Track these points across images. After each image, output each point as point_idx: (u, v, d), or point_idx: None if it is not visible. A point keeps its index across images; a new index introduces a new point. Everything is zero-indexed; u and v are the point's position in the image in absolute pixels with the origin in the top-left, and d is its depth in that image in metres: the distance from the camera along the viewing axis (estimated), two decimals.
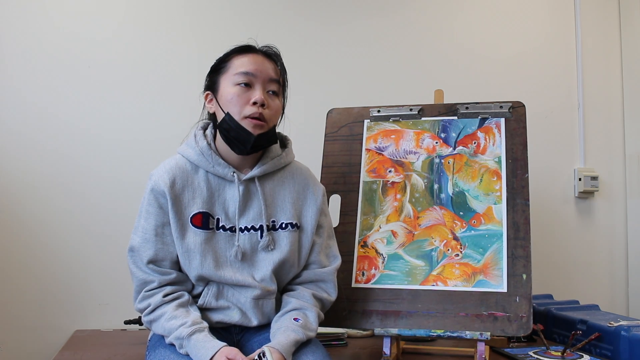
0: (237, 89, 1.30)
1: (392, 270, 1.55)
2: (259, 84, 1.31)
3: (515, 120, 1.63)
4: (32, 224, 1.93)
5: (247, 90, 1.30)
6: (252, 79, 1.31)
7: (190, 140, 1.36)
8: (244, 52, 1.34)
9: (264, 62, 1.33)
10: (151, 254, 1.27)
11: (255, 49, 1.35)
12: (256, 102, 1.29)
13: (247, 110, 1.29)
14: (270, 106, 1.32)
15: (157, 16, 2.07)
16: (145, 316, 1.27)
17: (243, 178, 1.33)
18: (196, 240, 1.28)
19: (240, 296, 1.31)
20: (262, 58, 1.34)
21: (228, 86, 1.31)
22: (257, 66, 1.31)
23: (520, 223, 1.52)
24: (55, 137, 1.95)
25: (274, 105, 1.33)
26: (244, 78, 1.30)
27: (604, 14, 2.51)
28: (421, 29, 2.31)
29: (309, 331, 1.27)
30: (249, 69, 1.31)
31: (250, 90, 1.30)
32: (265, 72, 1.32)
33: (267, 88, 1.32)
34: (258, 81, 1.31)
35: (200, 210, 1.30)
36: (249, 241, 1.32)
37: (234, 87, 1.30)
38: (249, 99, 1.29)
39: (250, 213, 1.33)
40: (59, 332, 1.90)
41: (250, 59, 1.32)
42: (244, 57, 1.33)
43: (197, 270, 1.28)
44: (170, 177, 1.30)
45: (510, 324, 1.42)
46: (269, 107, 1.31)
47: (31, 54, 1.95)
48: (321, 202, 1.42)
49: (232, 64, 1.33)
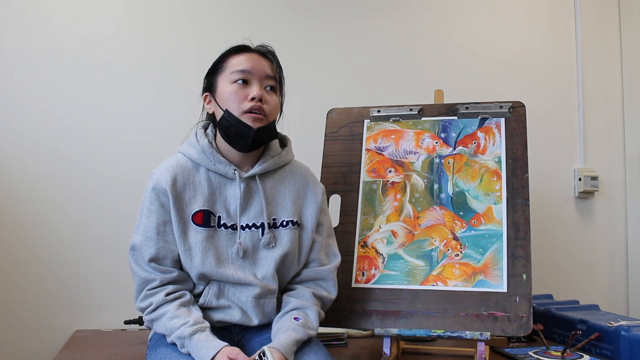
0: (234, 87, 1.31)
1: (392, 270, 1.55)
2: (256, 80, 1.32)
3: (515, 120, 1.63)
4: (32, 224, 1.93)
5: (245, 87, 1.32)
6: (248, 76, 1.32)
7: (192, 138, 1.37)
8: (240, 52, 1.35)
9: (260, 60, 1.35)
10: (152, 252, 1.27)
11: (250, 48, 1.37)
12: (254, 98, 1.30)
13: (246, 105, 1.30)
14: (268, 101, 1.33)
15: (157, 16, 2.07)
16: (146, 315, 1.27)
17: (244, 176, 1.34)
18: (197, 238, 1.29)
19: (241, 295, 1.31)
20: (258, 56, 1.35)
21: (226, 85, 1.32)
22: (253, 64, 1.33)
23: (520, 223, 1.52)
24: (55, 137, 1.96)
25: (272, 100, 1.35)
26: (240, 75, 1.32)
27: (604, 14, 2.51)
28: (421, 28, 2.31)
29: (310, 330, 1.27)
30: (245, 67, 1.32)
31: (247, 87, 1.32)
32: (261, 69, 1.33)
33: (264, 84, 1.34)
34: (255, 78, 1.32)
35: (202, 208, 1.30)
36: (250, 239, 1.32)
37: (231, 85, 1.32)
38: (247, 94, 1.31)
39: (252, 211, 1.34)
40: (59, 332, 1.90)
41: (245, 57, 1.34)
42: (239, 56, 1.34)
43: (198, 268, 1.28)
44: (171, 176, 1.30)
45: (510, 324, 1.42)
46: (267, 102, 1.33)
47: (31, 53, 1.95)
48: (321, 200, 1.42)
49: (228, 64, 1.34)
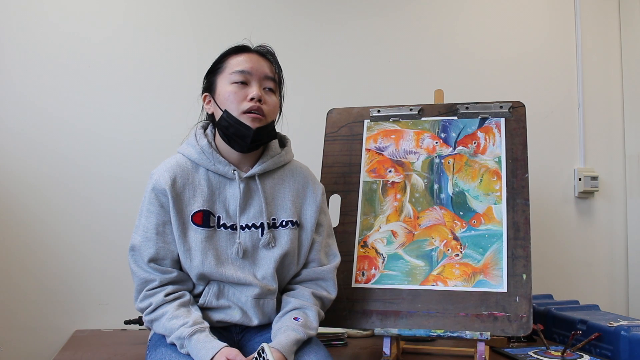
0: (233, 87, 1.32)
1: (392, 270, 1.55)
2: (255, 81, 1.33)
3: (515, 120, 1.63)
4: (32, 224, 1.93)
5: (244, 88, 1.32)
6: (248, 76, 1.32)
7: (191, 139, 1.37)
8: (239, 52, 1.36)
9: (259, 61, 1.35)
10: (152, 253, 1.27)
11: (249, 48, 1.37)
12: (253, 98, 1.30)
13: (245, 105, 1.31)
14: (267, 102, 1.33)
15: (157, 16, 2.07)
16: (146, 315, 1.27)
17: (244, 176, 1.34)
18: (197, 238, 1.29)
19: (241, 295, 1.31)
20: (257, 57, 1.36)
21: (225, 85, 1.33)
22: (253, 64, 1.33)
23: (520, 223, 1.52)
24: (55, 137, 1.95)
25: (271, 101, 1.35)
26: (240, 76, 1.32)
27: (604, 14, 2.51)
28: (421, 29, 2.31)
29: (310, 330, 1.27)
30: (244, 67, 1.32)
31: (246, 88, 1.32)
32: (260, 70, 1.34)
33: (263, 85, 1.34)
34: (254, 78, 1.33)
35: (201, 209, 1.30)
36: (250, 239, 1.33)
37: (230, 86, 1.32)
38: (246, 95, 1.31)
39: (251, 211, 1.34)
40: (59, 332, 1.90)
41: (245, 57, 1.34)
42: (239, 56, 1.35)
43: (198, 268, 1.28)
44: (171, 176, 1.30)
45: (510, 324, 1.42)
46: (266, 102, 1.33)
47: (31, 53, 1.95)
48: (320, 200, 1.42)
49: (227, 64, 1.35)
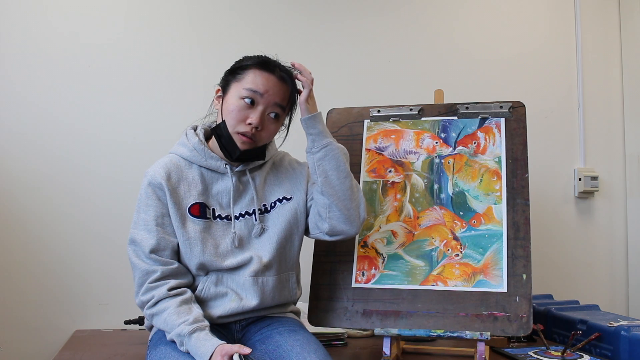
0: (240, 103, 1.32)
1: (392, 270, 1.55)
2: (262, 105, 1.33)
3: (515, 120, 1.63)
4: (32, 224, 1.93)
5: (249, 108, 1.32)
6: (258, 98, 1.32)
7: (182, 139, 1.40)
8: (262, 69, 1.33)
9: (276, 86, 1.34)
10: (153, 244, 1.29)
11: (273, 69, 1.34)
12: (251, 124, 1.32)
13: (241, 127, 1.32)
14: (265, 129, 1.35)
15: (158, 17, 2.07)
16: (147, 309, 1.28)
17: (235, 170, 1.38)
18: (195, 228, 1.32)
19: (239, 278, 1.33)
20: (276, 81, 1.34)
21: (234, 97, 1.33)
22: (268, 88, 1.32)
23: (520, 223, 1.52)
24: (55, 138, 1.95)
25: (270, 128, 1.36)
26: (250, 95, 1.32)
27: (604, 14, 2.50)
28: (421, 28, 2.31)
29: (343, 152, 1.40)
30: (258, 89, 1.32)
31: (251, 109, 1.32)
32: (273, 96, 1.33)
33: (269, 110, 1.34)
34: (263, 102, 1.33)
35: (197, 201, 1.34)
36: (245, 226, 1.37)
37: (238, 100, 1.32)
38: (247, 117, 1.32)
39: (244, 201, 1.38)
40: (59, 332, 1.90)
41: (263, 79, 1.32)
42: (259, 73, 1.33)
43: (199, 257, 1.30)
44: (165, 171, 1.34)
45: (510, 324, 1.42)
46: (265, 129, 1.35)
47: (31, 54, 1.95)
48: (307, 173, 1.47)
49: (246, 76, 1.33)
